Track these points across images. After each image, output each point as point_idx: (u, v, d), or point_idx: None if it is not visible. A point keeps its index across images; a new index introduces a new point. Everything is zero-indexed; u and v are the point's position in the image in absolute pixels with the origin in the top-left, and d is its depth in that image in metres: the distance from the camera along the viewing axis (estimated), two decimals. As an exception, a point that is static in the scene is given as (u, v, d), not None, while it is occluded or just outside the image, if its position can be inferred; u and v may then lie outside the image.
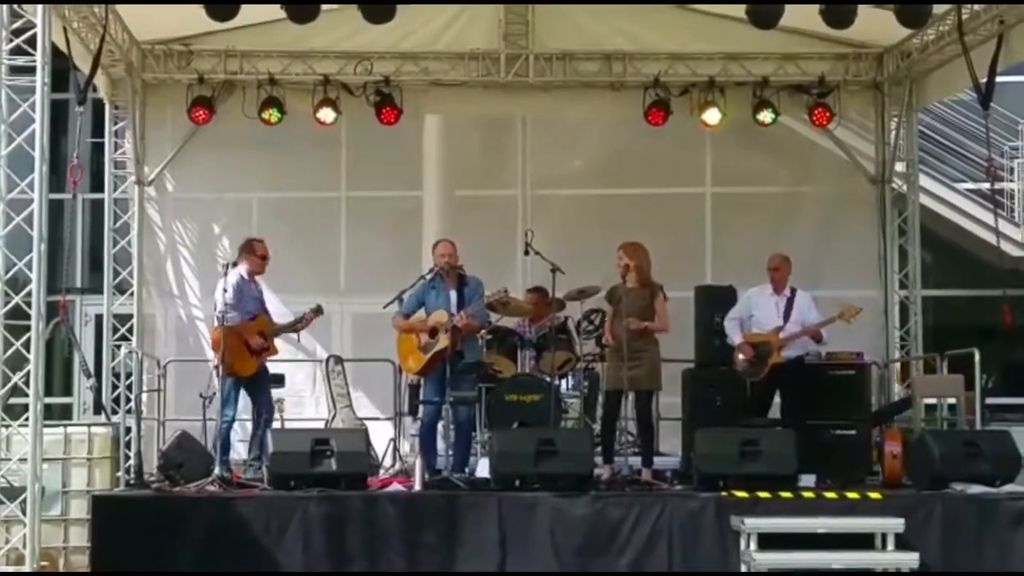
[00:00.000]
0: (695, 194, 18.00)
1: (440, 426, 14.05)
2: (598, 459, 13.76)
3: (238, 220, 17.44)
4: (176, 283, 17.55)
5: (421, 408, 14.38)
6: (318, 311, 14.64)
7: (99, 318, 18.40)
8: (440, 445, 14.12)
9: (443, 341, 13.76)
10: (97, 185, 18.46)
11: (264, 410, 14.27)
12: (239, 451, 14.77)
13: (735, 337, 14.55)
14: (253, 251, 14.41)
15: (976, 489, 12.81)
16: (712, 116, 16.79)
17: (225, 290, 13.81)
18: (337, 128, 17.07)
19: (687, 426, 14.95)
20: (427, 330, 13.90)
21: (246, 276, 14.26)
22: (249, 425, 14.66)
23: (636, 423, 14.22)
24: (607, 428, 14.02)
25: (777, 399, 14.69)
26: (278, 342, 14.54)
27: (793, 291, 14.56)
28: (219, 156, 17.50)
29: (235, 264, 14.26)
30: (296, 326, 14.58)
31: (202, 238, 17.56)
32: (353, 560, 12.46)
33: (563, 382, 15.40)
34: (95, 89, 15.65)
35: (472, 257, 14.38)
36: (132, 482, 13.91)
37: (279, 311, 15.00)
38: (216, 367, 13.96)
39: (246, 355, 14.03)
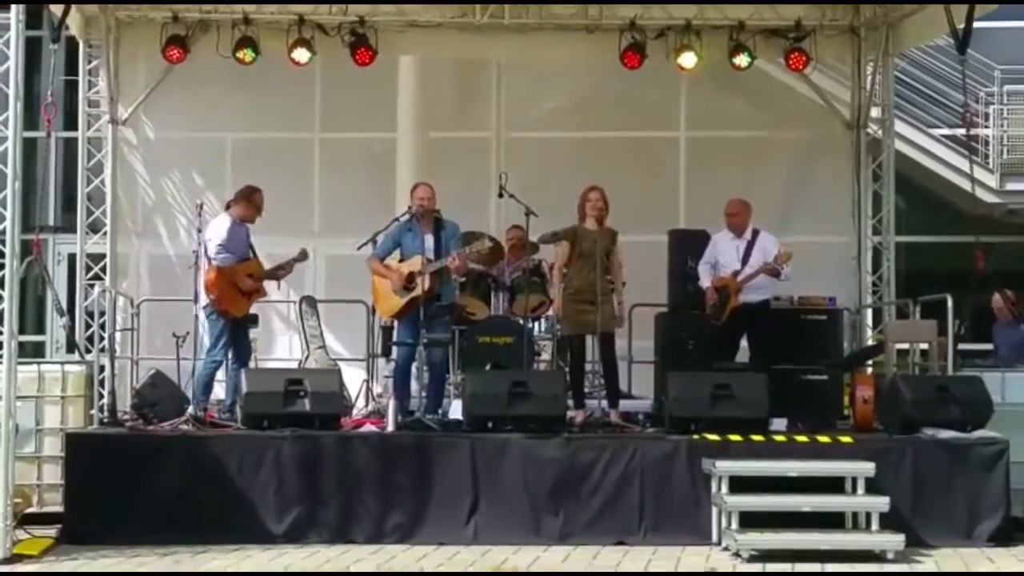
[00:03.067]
0: (670, 138, 17.99)
1: (413, 367, 14.07)
2: (570, 403, 13.80)
3: (212, 160, 17.42)
4: (149, 222, 17.49)
5: (395, 349, 14.37)
6: (303, 256, 14.53)
7: (72, 257, 18.34)
8: (413, 386, 14.14)
9: (420, 287, 13.73)
10: (71, 123, 18.32)
11: (243, 354, 14.20)
12: (218, 392, 14.72)
13: (705, 281, 14.57)
14: (252, 201, 14.18)
15: (947, 434, 12.88)
16: (688, 60, 16.65)
17: (217, 232, 13.82)
18: (312, 69, 16.96)
19: (659, 370, 15.02)
20: (404, 276, 13.87)
21: (238, 220, 14.14)
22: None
23: (602, 365, 14.22)
24: (576, 372, 14.04)
25: (747, 343, 14.70)
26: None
27: (755, 233, 14.51)
28: (193, 96, 17.38)
29: (227, 207, 14.23)
30: (279, 272, 14.39)
31: (176, 177, 17.48)
32: (327, 500, 12.56)
33: (536, 325, 15.42)
34: (68, 27, 15.54)
35: (446, 199, 14.31)
36: (106, 420, 13.92)
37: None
38: (205, 308, 13.87)
39: (238, 296, 13.96)
